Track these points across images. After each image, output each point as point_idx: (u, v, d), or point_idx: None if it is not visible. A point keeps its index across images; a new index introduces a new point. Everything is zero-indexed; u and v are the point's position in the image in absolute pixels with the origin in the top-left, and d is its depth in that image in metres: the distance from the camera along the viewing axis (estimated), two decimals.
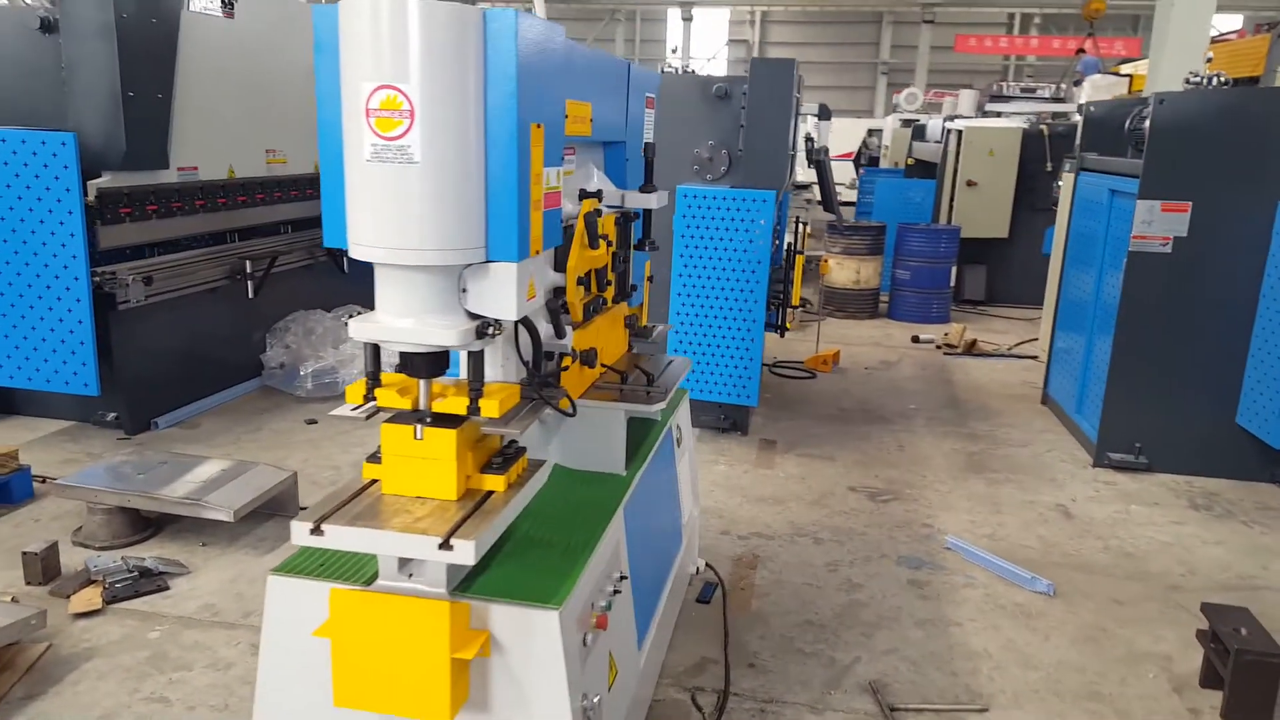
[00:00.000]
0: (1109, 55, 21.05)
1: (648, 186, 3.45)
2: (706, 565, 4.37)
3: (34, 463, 5.28)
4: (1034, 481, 5.76)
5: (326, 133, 2.21)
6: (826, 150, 8.64)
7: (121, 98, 5.20)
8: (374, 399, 2.38)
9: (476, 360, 2.32)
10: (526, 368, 2.63)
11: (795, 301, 6.04)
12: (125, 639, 3.72)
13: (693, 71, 6.29)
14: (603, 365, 3.30)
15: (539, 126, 2.26)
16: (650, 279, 4.08)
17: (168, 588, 4.10)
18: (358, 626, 2.28)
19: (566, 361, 2.94)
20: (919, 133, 13.51)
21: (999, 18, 30.50)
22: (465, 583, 2.41)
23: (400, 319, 2.23)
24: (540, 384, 2.60)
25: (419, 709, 2.26)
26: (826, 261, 9.66)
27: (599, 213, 3.10)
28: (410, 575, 2.37)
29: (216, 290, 6.27)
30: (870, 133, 20.36)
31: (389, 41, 2.01)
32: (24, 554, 4.10)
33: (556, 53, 2.37)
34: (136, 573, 4.13)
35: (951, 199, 11.26)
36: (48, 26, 5.33)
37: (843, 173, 19.75)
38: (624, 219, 3.42)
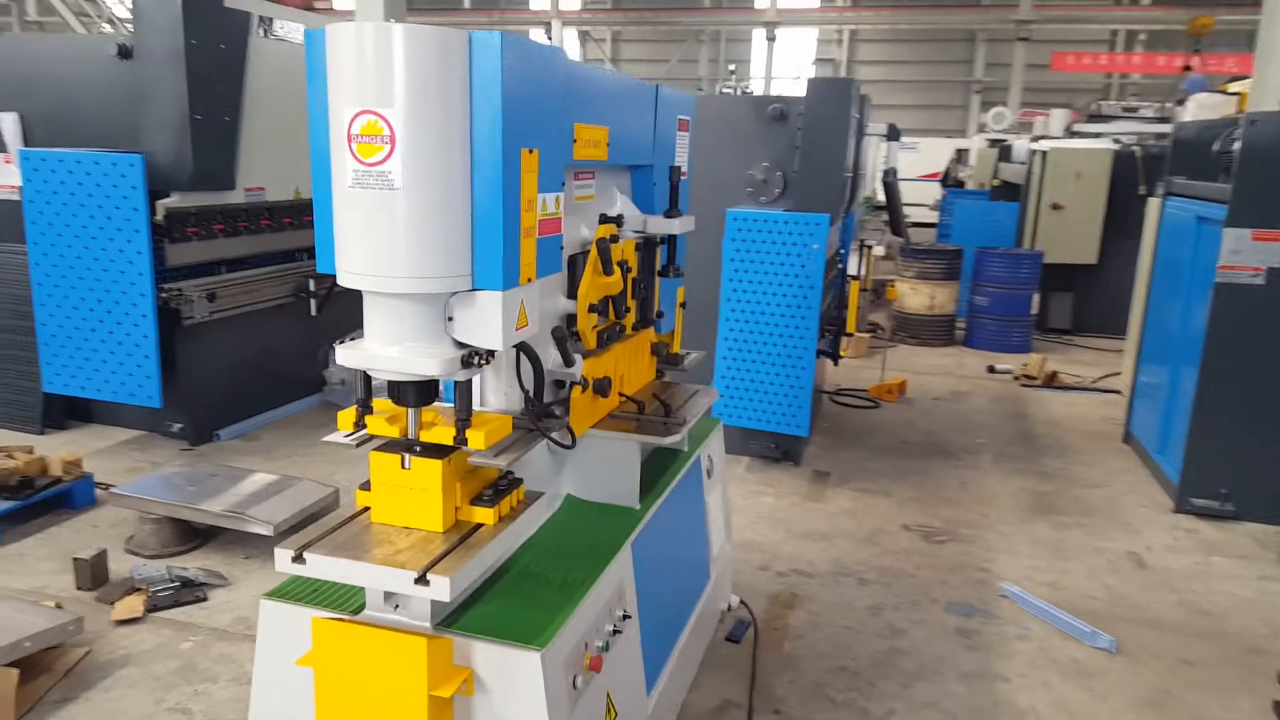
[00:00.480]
0: (1219, 72, 20.08)
1: (673, 211, 3.37)
2: (740, 602, 4.23)
3: (101, 470, 5.47)
4: (1106, 526, 5.44)
5: (318, 159, 2.20)
6: (895, 171, 8.40)
7: (190, 121, 5.37)
8: (364, 426, 2.35)
9: (464, 390, 2.27)
10: (526, 396, 2.56)
11: (851, 329, 5.86)
12: (159, 648, 3.79)
13: (750, 92, 6.19)
14: (621, 395, 3.22)
15: (531, 151, 2.21)
16: (683, 305, 3.99)
17: (206, 599, 4.17)
18: (339, 656, 2.25)
19: (576, 391, 2.87)
20: (1005, 153, 13.08)
21: (1100, 35, 29.45)
22: (452, 616, 2.36)
23: (387, 347, 2.20)
24: (539, 414, 2.54)
25: None
26: (894, 286, 9.39)
27: (615, 238, 3.03)
28: (396, 607, 2.33)
29: (281, 307, 6.41)
30: (959, 153, 19.83)
31: (371, 67, 1.99)
32: (75, 560, 4.22)
33: (554, 75, 2.32)
34: (178, 582, 4.21)
35: (1035, 222, 10.85)
36: (125, 53, 5.56)
37: (928, 194, 19.34)
38: (647, 244, 3.35)
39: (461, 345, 2.22)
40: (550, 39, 29.17)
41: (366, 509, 2.41)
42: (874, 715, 3.51)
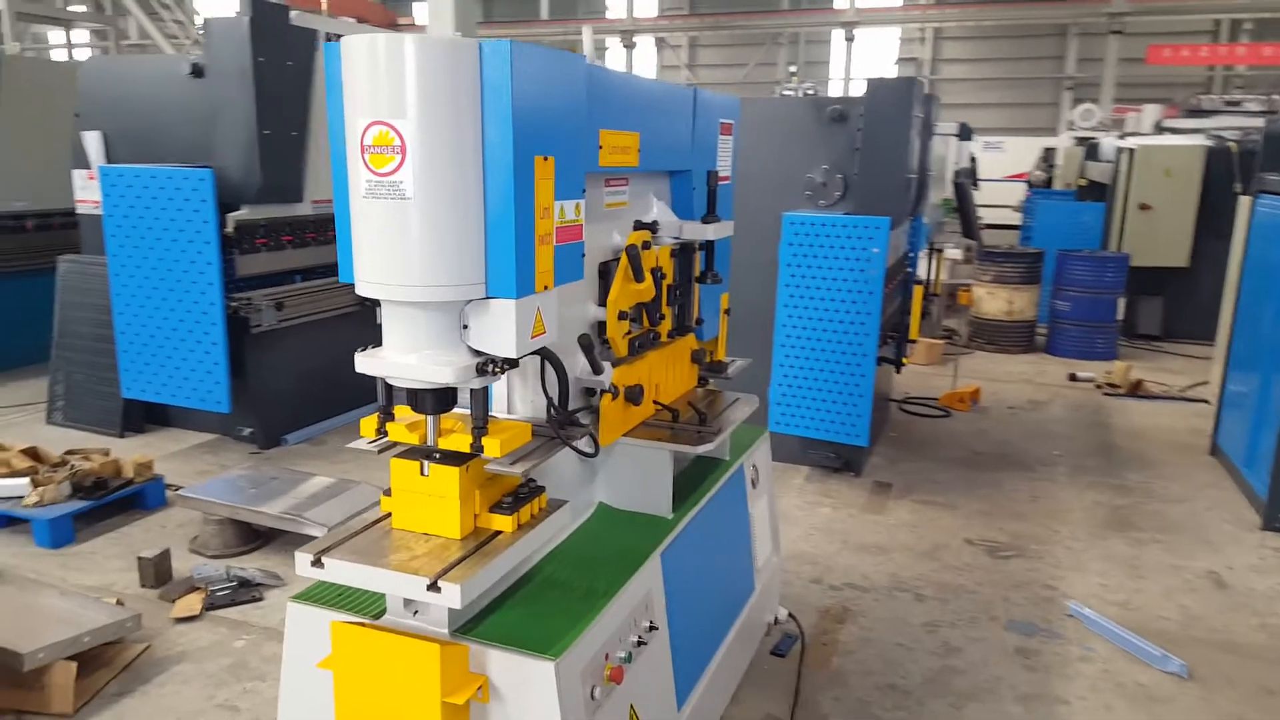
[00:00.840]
0: None
1: (710, 216, 3.32)
2: (789, 615, 4.16)
3: (173, 472, 5.68)
4: (1186, 543, 5.17)
5: (338, 170, 2.22)
6: (967, 172, 8.16)
7: (258, 136, 5.54)
8: (385, 433, 2.37)
9: (480, 397, 2.26)
10: (550, 404, 2.55)
11: (914, 335, 5.71)
12: (214, 646, 3.90)
13: (813, 93, 6.09)
14: (655, 403, 3.19)
15: (546, 159, 2.20)
16: (727, 312, 3.94)
17: (262, 598, 4.28)
18: (357, 660, 2.27)
19: (606, 399, 2.85)
20: (1092, 152, 12.61)
21: (1201, 25, 28.18)
22: (471, 623, 2.36)
23: (404, 355, 2.21)
24: (562, 421, 2.52)
25: None
26: (968, 291, 9.13)
27: (649, 245, 3.00)
28: (415, 613, 2.34)
29: (346, 316, 6.55)
30: (1046, 152, 19.20)
31: (384, 78, 2.00)
32: (139, 559, 4.38)
33: (572, 82, 2.31)
34: (236, 582, 4.33)
35: (1122, 224, 10.42)
36: (197, 72, 5.77)
37: (1013, 196, 18.80)
38: (684, 250, 3.31)
39: (477, 353, 2.22)
40: (626, 47, 29.31)
41: (388, 515, 2.43)
42: None
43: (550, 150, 2.21)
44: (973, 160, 11.85)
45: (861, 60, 30.91)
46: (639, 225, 3.15)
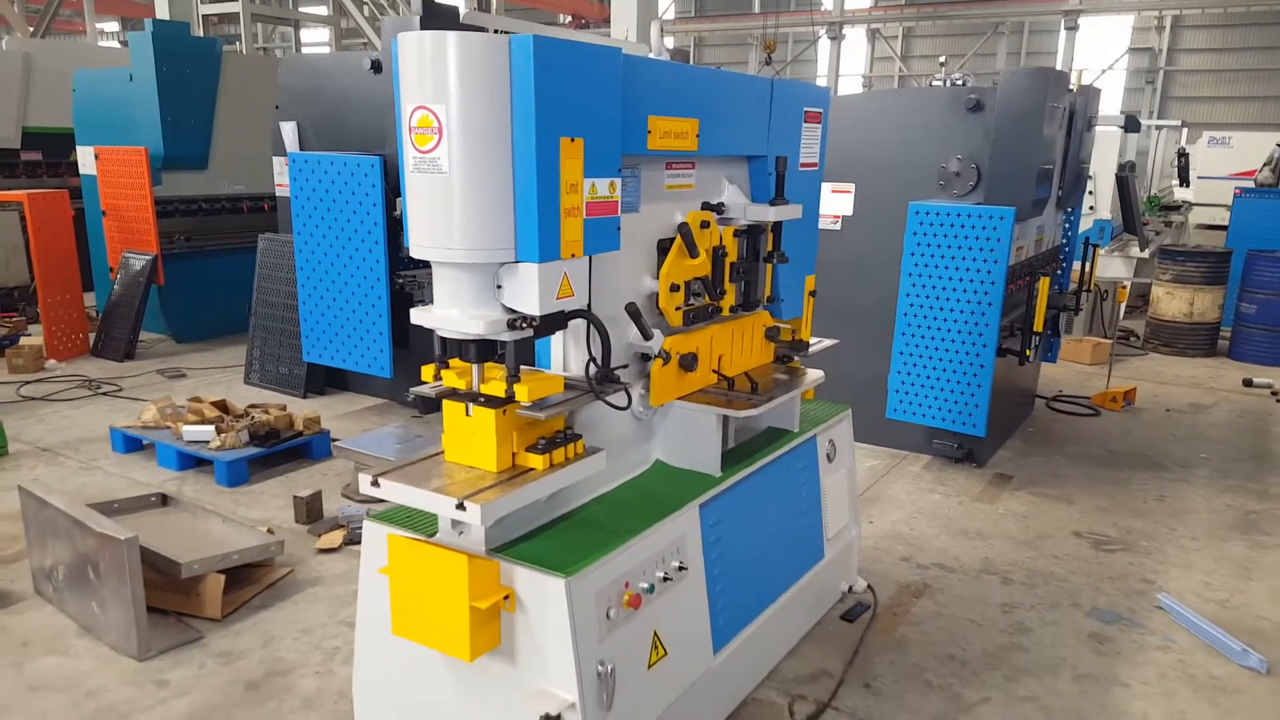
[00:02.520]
0: None
1: (777, 200, 3.53)
2: (867, 586, 4.29)
3: (342, 429, 6.42)
4: None
5: (402, 150, 2.62)
6: (1132, 165, 7.74)
7: None
8: (441, 380, 2.77)
9: (513, 350, 2.60)
10: (593, 362, 2.85)
11: (1038, 328, 5.60)
12: (346, 574, 4.47)
13: (962, 83, 6.04)
14: (715, 372, 3.43)
15: (574, 141, 2.51)
16: (812, 294, 4.11)
17: None
18: (406, 568, 2.68)
19: (657, 364, 3.14)
20: None
21: None
22: (506, 545, 2.72)
23: (448, 309, 2.59)
24: (600, 378, 2.83)
25: (448, 645, 2.61)
26: (1124, 289, 8.66)
27: (706, 224, 3.26)
28: (460, 533, 2.73)
29: None
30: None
31: (429, 69, 2.38)
32: (295, 498, 5.05)
33: (603, 71, 2.60)
34: None
35: None
36: (376, 68, 6.46)
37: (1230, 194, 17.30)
38: (750, 231, 3.53)
39: (509, 310, 2.57)
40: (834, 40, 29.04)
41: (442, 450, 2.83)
42: (965, 701, 3.48)
43: (578, 132, 2.53)
44: (1183, 155, 11.04)
45: (1087, 50, 29.21)
46: (705, 206, 3.42)
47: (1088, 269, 6.96)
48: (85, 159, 9.20)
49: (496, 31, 6.59)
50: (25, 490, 4.13)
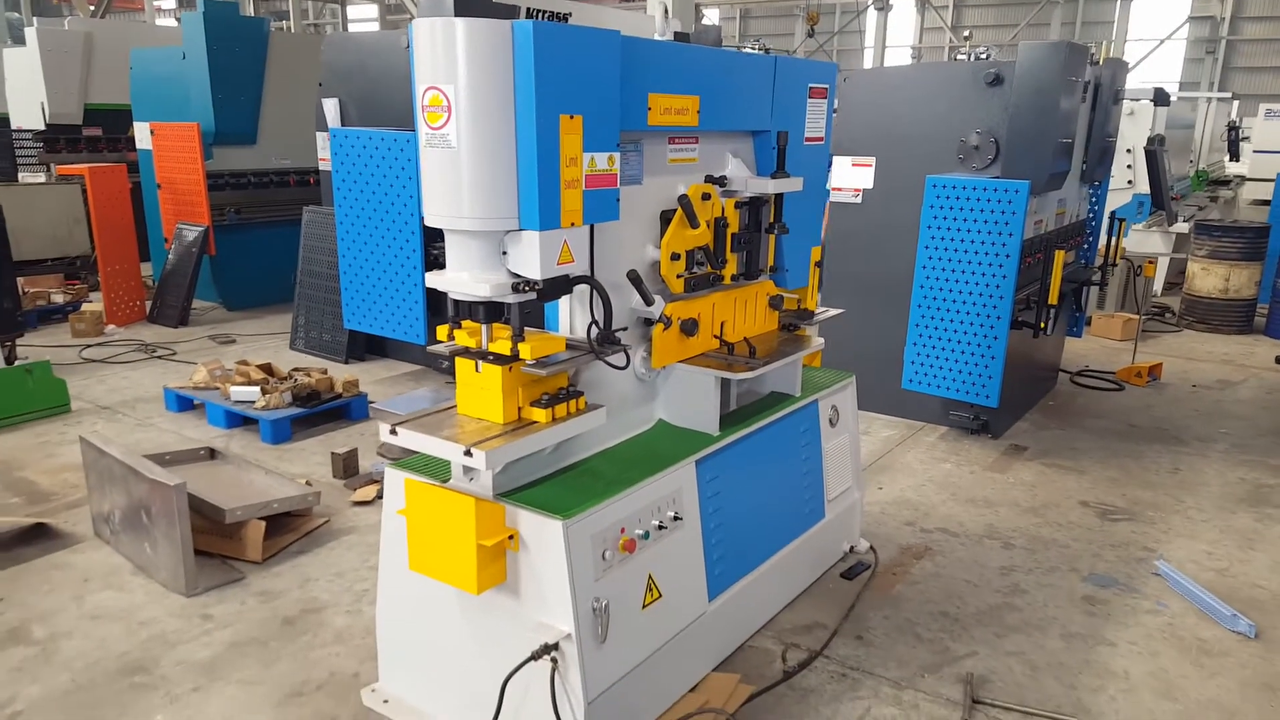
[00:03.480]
0: None
1: (779, 173, 3.70)
2: (870, 548, 4.47)
3: (379, 392, 6.74)
4: None
5: (419, 128, 2.85)
6: (1162, 139, 7.70)
7: None
8: (453, 339, 3.01)
9: (516, 311, 2.82)
10: (595, 325, 3.07)
11: (1053, 300, 5.68)
12: (377, 525, 4.65)
13: (985, 56, 6.11)
14: (715, 337, 3.62)
15: (573, 117, 2.72)
16: (818, 264, 4.27)
17: None
18: (420, 510, 2.93)
19: (658, 329, 3.35)
20: None
21: None
22: (512, 491, 2.96)
23: (458, 273, 2.82)
24: (602, 339, 3.04)
25: (457, 579, 2.85)
26: (1151, 264, 8.63)
27: (707, 196, 3.44)
28: (471, 479, 2.97)
29: None
30: None
31: (440, 51, 2.60)
32: (332, 454, 5.36)
33: (602, 53, 2.79)
34: None
35: None
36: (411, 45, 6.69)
37: None
38: (753, 203, 3.71)
39: (514, 275, 2.79)
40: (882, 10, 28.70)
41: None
42: (954, 654, 3.66)
43: (577, 110, 2.73)
44: (1234, 129, 10.81)
45: (1146, 19, 28.51)
46: (709, 179, 3.61)
47: (1113, 243, 7.00)
48: (142, 134, 9.61)
49: (530, 12, 6.79)
50: (86, 440, 4.48)
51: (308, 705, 3.29)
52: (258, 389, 5.98)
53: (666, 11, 3.86)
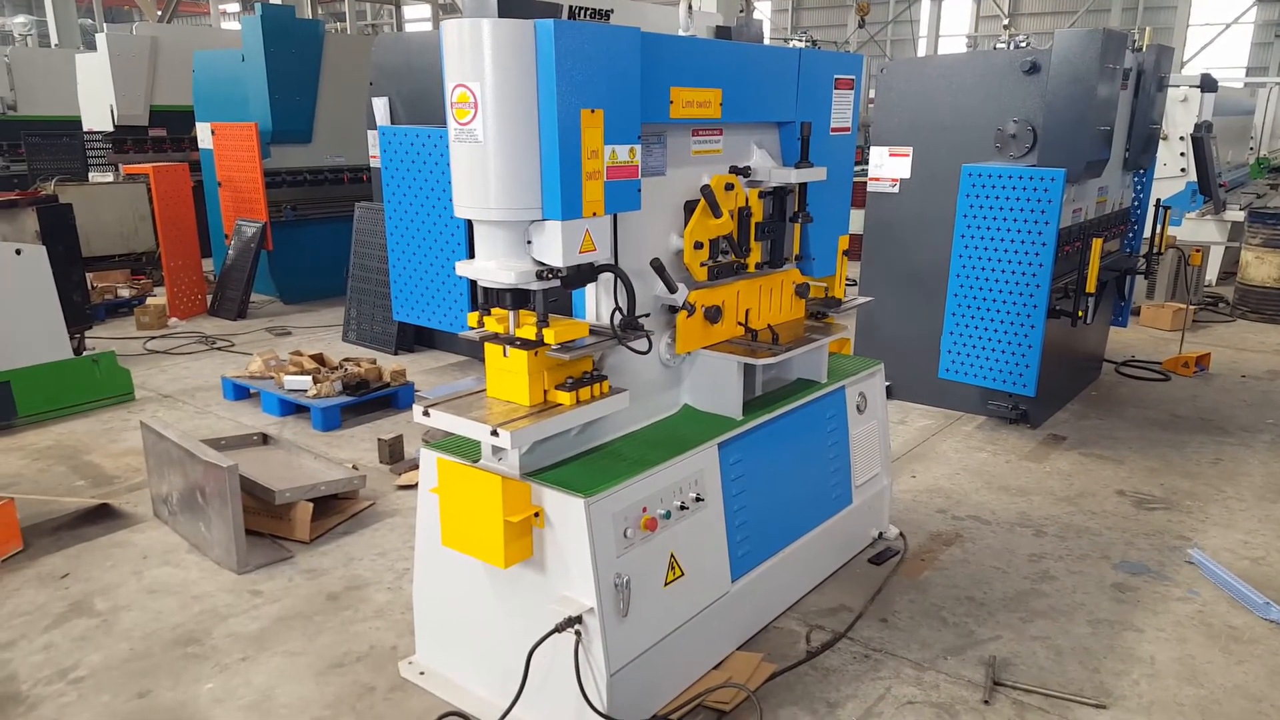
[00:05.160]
0: None
1: (802, 163, 3.77)
2: (899, 534, 4.52)
3: (428, 383, 6.95)
4: None
5: (449, 124, 2.98)
6: (1209, 126, 7.54)
7: None
8: (483, 325, 3.14)
9: (541, 298, 2.95)
10: (619, 311, 3.18)
11: (1091, 289, 5.65)
12: None
13: (1023, 45, 6.09)
14: (740, 324, 3.72)
15: (594, 111, 2.83)
16: (845, 253, 4.33)
17: None
18: (452, 488, 3.07)
19: (682, 315, 3.45)
20: None
21: None
22: (538, 470, 3.09)
23: (485, 261, 2.95)
24: (624, 325, 3.15)
25: (486, 554, 2.99)
26: (1197, 253, 8.46)
27: (730, 186, 3.53)
28: (499, 459, 3.11)
29: None
30: None
31: (467, 51, 2.73)
32: (379, 440, 5.56)
33: (622, 49, 2.89)
34: None
35: None
36: None
37: None
38: (777, 192, 3.79)
39: (538, 263, 2.91)
40: None
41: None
42: (979, 638, 3.70)
43: (598, 104, 2.84)
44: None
45: (1210, 3, 27.76)
46: (733, 169, 3.70)
47: (1159, 232, 6.91)
48: (203, 134, 9.97)
49: (572, 9, 6.91)
50: (145, 425, 4.73)
51: (348, 675, 3.46)
52: (309, 378, 6.21)
53: (690, 7, 3.93)
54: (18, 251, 6.20)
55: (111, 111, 11.48)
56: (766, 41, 5.06)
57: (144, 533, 4.61)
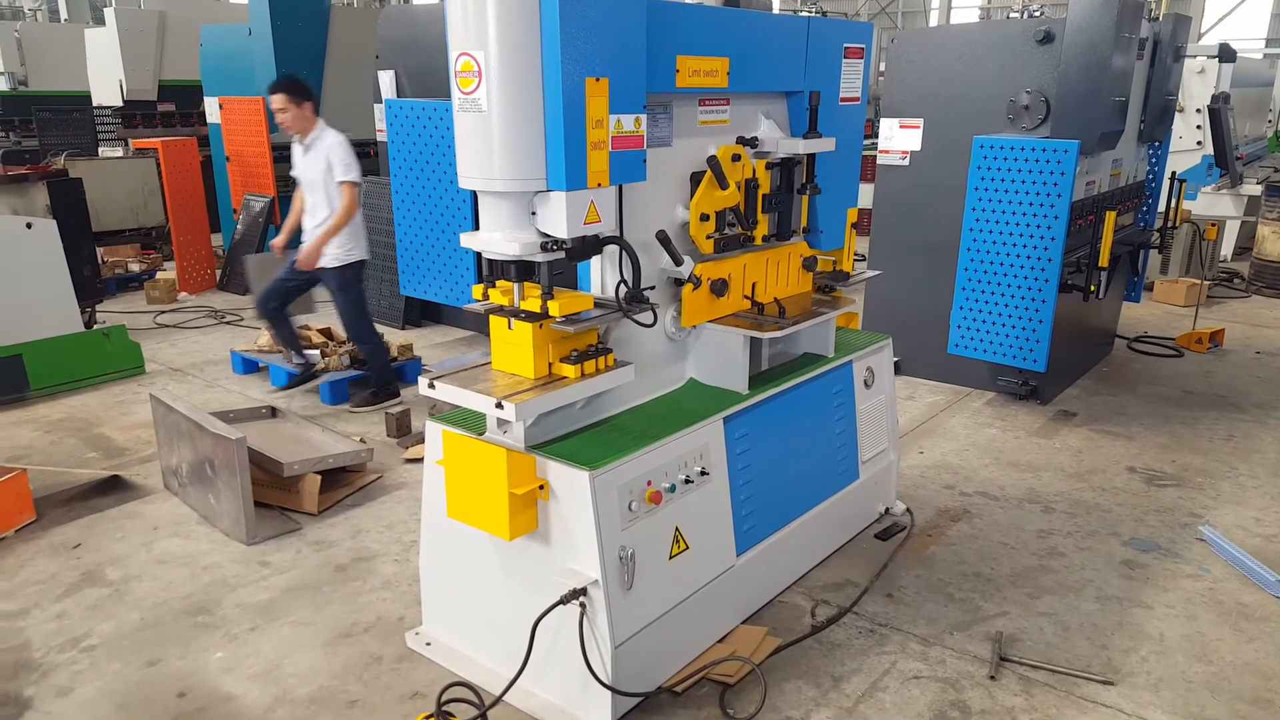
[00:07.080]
0: None
1: (810, 133, 3.73)
2: (906, 510, 4.51)
3: (435, 357, 6.95)
4: None
5: (452, 94, 2.95)
6: (1226, 97, 7.42)
7: None
8: (488, 298, 3.12)
9: (546, 270, 2.93)
10: (624, 284, 3.16)
11: (1103, 263, 5.59)
12: None
13: (1038, 14, 6.01)
14: (746, 298, 3.69)
15: (599, 80, 2.79)
16: (854, 226, 4.29)
17: None
18: (457, 460, 3.07)
19: (688, 288, 3.43)
20: None
21: None
22: (544, 443, 3.08)
23: (490, 233, 2.93)
24: (630, 298, 3.13)
25: (491, 526, 2.99)
26: (1212, 227, 8.36)
27: (737, 157, 3.49)
28: (505, 432, 3.10)
29: None
30: None
31: (471, 19, 2.69)
32: (385, 414, 5.57)
33: (628, 18, 2.84)
34: None
35: None
36: None
37: None
38: (785, 164, 3.75)
39: (543, 234, 2.89)
40: None
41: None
42: (985, 613, 3.70)
43: (603, 72, 2.80)
44: None
45: None
46: (740, 140, 3.66)
47: (1174, 205, 6.83)
48: (211, 109, 9.94)
49: None
50: (155, 398, 4.74)
51: (355, 645, 3.48)
52: (317, 352, 6.21)
53: None
54: (29, 225, 6.21)
55: (121, 86, 11.46)
56: (775, 10, 4.99)
57: (154, 504, 4.64)
